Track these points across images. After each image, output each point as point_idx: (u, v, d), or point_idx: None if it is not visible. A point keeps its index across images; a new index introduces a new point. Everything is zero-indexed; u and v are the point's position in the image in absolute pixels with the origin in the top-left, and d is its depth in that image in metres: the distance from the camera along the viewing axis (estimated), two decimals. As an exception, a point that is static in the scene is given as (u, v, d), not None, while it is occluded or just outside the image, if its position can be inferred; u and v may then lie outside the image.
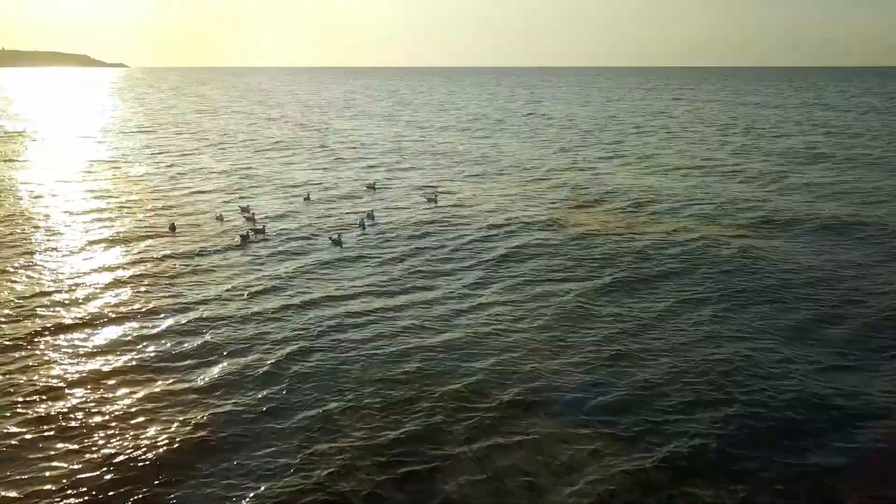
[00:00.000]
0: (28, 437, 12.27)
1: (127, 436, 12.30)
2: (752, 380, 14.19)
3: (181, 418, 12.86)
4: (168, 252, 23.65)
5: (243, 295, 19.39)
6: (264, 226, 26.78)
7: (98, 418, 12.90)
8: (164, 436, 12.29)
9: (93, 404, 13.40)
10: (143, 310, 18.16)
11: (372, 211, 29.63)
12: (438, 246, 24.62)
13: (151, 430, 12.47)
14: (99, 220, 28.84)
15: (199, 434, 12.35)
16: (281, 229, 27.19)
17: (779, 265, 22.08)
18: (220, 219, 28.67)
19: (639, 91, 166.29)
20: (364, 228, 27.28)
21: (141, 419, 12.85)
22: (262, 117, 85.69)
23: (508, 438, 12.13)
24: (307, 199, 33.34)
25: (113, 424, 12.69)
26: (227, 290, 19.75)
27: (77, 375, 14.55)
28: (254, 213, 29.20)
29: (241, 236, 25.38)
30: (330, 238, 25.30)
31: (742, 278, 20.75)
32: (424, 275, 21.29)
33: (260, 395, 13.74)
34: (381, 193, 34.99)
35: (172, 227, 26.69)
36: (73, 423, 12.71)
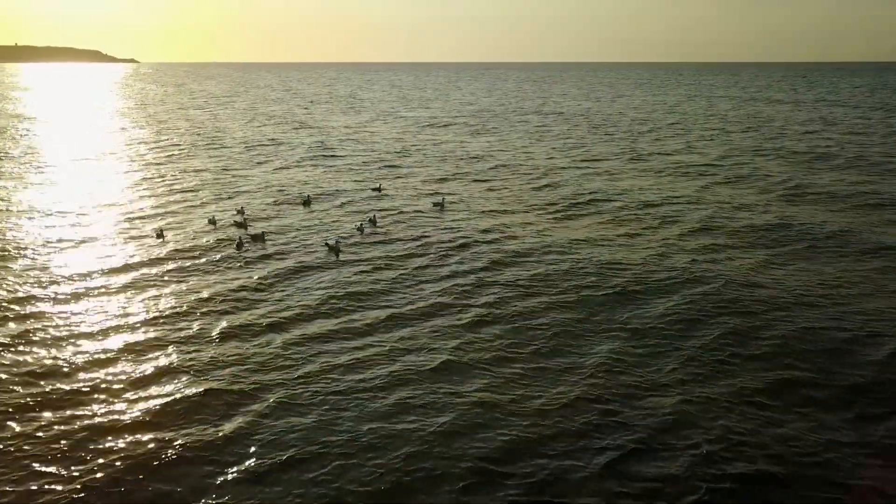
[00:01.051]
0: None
1: (35, 485, 10.68)
2: (766, 435, 12.24)
3: (103, 460, 11.18)
4: (152, 261, 22.17)
5: (222, 310, 17.85)
6: (264, 232, 25.32)
7: (7, 460, 11.28)
8: (78, 486, 10.58)
9: (9, 440, 11.80)
10: (103, 328, 16.57)
11: (374, 215, 27.98)
12: (440, 256, 22.89)
13: (55, 482, 10.75)
14: (76, 224, 27.23)
15: (121, 486, 10.63)
16: (277, 235, 25.68)
17: (797, 288, 19.69)
18: (212, 222, 27.23)
19: (649, 86, 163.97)
20: (362, 233, 25.80)
21: (53, 465, 11.14)
22: (263, 113, 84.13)
23: (508, 499, 10.46)
24: (307, 201, 31.95)
25: (16, 472, 11.01)
26: (206, 304, 18.23)
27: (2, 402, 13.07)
28: (246, 218, 27.62)
29: (237, 244, 23.97)
30: (326, 243, 23.83)
31: (755, 302, 18.48)
32: (422, 288, 19.63)
33: (208, 436, 11.95)
34: (384, 196, 33.27)
35: (160, 234, 25.22)
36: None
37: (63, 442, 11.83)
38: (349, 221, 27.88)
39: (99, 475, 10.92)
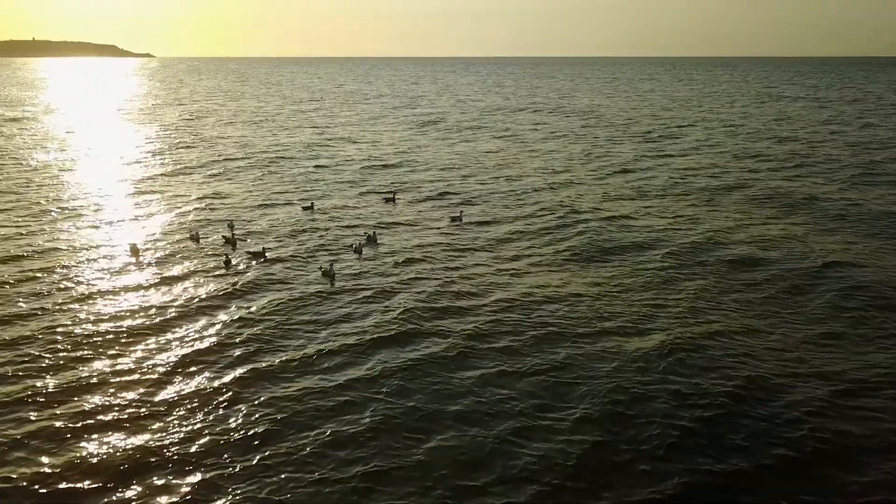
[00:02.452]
0: None
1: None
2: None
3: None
4: (121, 282, 20.11)
5: (184, 351, 15.67)
6: (264, 248, 23.10)
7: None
8: None
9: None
10: (42, 364, 14.84)
11: (374, 232, 25.14)
12: (447, 286, 19.98)
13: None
14: (42, 233, 25.27)
15: None
16: (271, 252, 23.31)
17: (819, 354, 15.89)
18: (195, 239, 24.80)
19: (662, 81, 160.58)
20: (360, 255, 23.23)
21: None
22: (265, 111, 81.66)
23: None
24: (309, 208, 29.76)
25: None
26: (168, 341, 16.15)
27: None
28: (235, 233, 25.39)
29: (225, 261, 21.89)
30: (320, 268, 21.39)
31: (762, 361, 16.14)
32: (421, 329, 16.97)
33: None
34: (396, 206, 30.81)
35: (134, 249, 23.09)
36: None
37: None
38: (351, 236, 25.50)
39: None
